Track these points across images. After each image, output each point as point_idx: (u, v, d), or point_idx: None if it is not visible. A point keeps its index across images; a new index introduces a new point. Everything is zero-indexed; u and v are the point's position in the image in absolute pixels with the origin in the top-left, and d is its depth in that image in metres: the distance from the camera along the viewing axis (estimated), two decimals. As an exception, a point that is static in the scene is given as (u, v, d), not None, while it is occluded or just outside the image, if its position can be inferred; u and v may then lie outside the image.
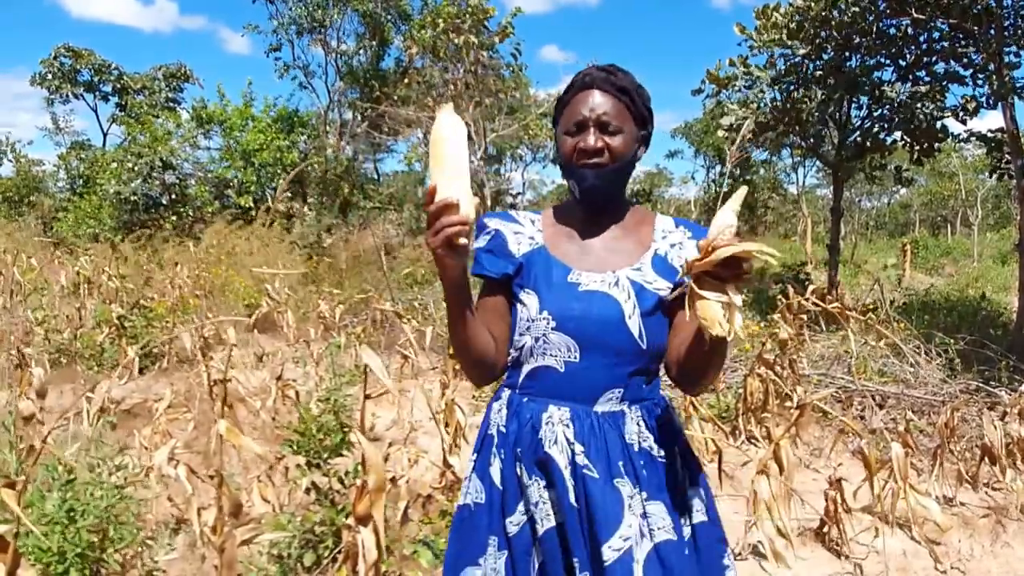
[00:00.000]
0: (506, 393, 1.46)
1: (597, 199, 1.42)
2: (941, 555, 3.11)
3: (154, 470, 2.63)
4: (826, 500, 3.16)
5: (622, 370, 1.38)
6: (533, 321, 1.39)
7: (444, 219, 1.19)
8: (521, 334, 1.42)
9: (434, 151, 1.24)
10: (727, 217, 1.15)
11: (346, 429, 2.85)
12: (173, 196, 14.92)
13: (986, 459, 3.83)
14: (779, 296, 4.72)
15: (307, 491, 2.73)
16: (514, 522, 1.39)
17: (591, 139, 1.36)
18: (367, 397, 2.15)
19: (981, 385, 5.10)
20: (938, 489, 3.68)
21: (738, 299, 1.12)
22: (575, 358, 1.37)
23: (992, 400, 4.79)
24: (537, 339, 1.39)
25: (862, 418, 4.80)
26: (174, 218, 14.08)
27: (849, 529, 3.17)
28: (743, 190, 1.22)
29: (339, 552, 2.36)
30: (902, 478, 3.06)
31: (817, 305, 4.14)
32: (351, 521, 2.11)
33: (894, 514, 3.24)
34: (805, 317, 4.46)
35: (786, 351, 4.42)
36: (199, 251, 9.56)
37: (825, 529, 3.21)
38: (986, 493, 3.83)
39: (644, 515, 1.33)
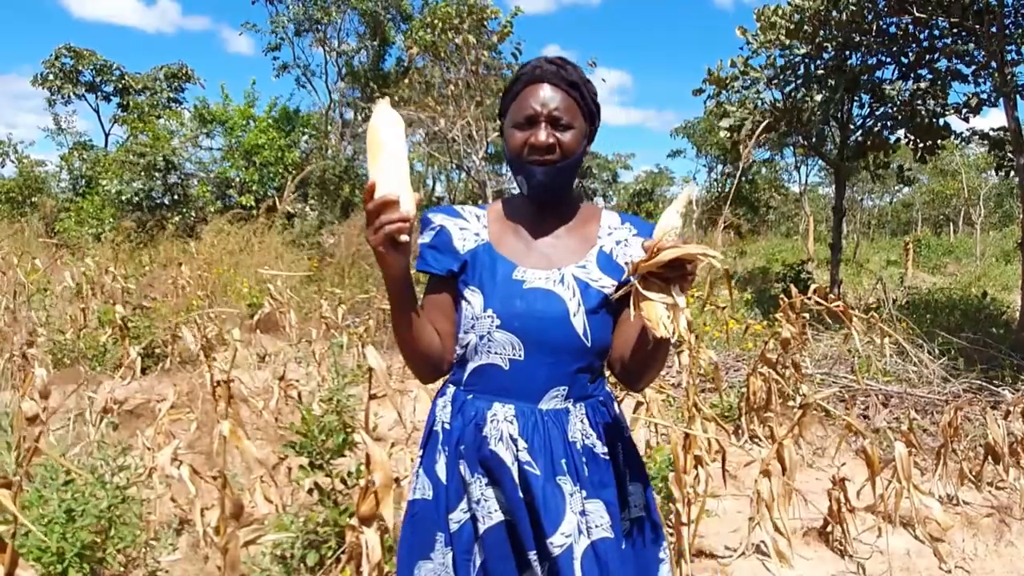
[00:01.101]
0: (451, 390, 1.45)
1: (546, 195, 1.41)
2: (945, 554, 3.10)
3: (157, 470, 2.64)
4: (829, 499, 3.15)
5: (567, 368, 1.37)
6: (477, 319, 1.37)
7: (384, 216, 1.18)
8: (466, 332, 1.40)
9: (371, 147, 1.21)
10: (672, 219, 1.15)
11: (349, 429, 2.84)
12: (175, 196, 14.94)
13: (989, 458, 3.83)
14: (781, 295, 4.71)
15: (310, 492, 2.73)
16: (455, 519, 1.39)
17: (542, 135, 1.34)
18: (372, 397, 2.15)
19: (984, 384, 5.09)
20: (941, 488, 3.67)
21: (682, 300, 1.11)
22: (519, 356, 1.36)
23: (995, 399, 4.78)
24: (481, 337, 1.38)
25: (865, 417, 4.80)
26: (177, 218, 14.10)
27: (852, 528, 3.17)
28: (687, 191, 1.22)
29: (342, 552, 2.36)
30: (905, 477, 3.05)
31: (819, 304, 4.14)
32: (354, 521, 2.12)
33: (898, 513, 3.24)
34: (807, 316, 4.46)
35: (789, 350, 4.41)
36: (202, 250, 9.56)
37: (828, 528, 3.20)
38: (990, 492, 3.83)
39: (583, 512, 1.34)
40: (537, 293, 1.36)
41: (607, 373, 1.50)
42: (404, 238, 1.19)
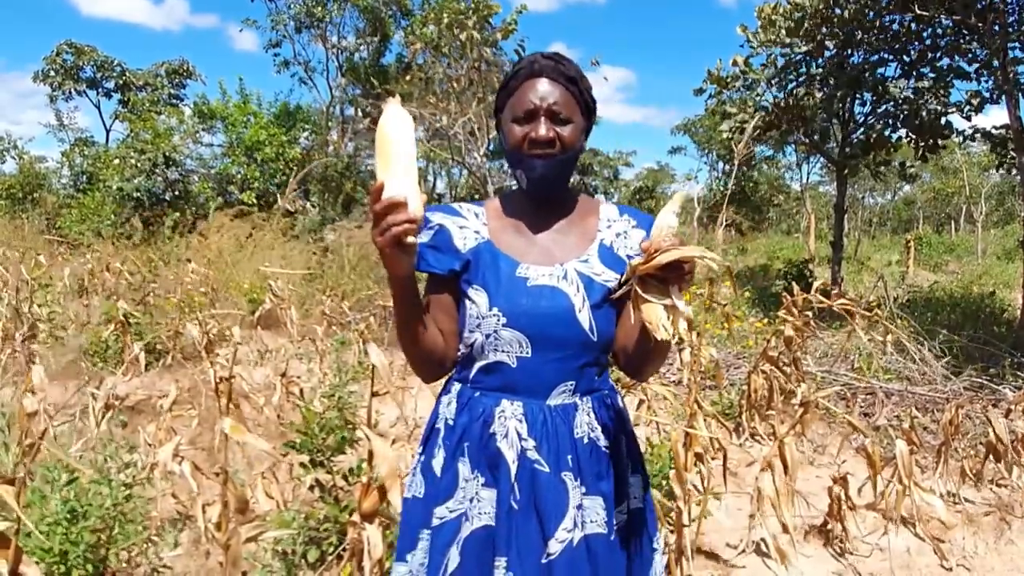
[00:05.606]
0: (456, 387, 1.45)
1: (546, 189, 1.41)
2: (946, 552, 3.11)
3: (159, 467, 2.64)
4: (830, 497, 3.15)
5: (574, 363, 1.38)
6: (483, 318, 1.37)
7: (391, 217, 1.15)
8: (471, 331, 1.39)
9: (380, 147, 1.19)
10: (668, 219, 1.15)
11: (350, 426, 2.85)
12: (176, 192, 14.93)
13: (990, 456, 3.82)
14: (783, 293, 4.71)
15: (311, 488, 2.73)
16: (438, 515, 1.38)
17: (543, 129, 1.34)
18: (374, 394, 2.16)
19: (985, 382, 5.09)
20: (942, 486, 3.67)
21: (681, 303, 1.11)
22: (527, 353, 1.36)
23: (996, 397, 4.79)
24: (488, 335, 1.37)
25: (866, 415, 4.80)
26: (176, 215, 14.10)
27: (853, 527, 3.17)
28: (680, 194, 1.23)
29: (343, 549, 2.36)
30: (906, 475, 3.05)
31: (821, 302, 4.13)
32: (356, 518, 2.12)
33: (898, 512, 3.24)
34: (809, 314, 4.45)
35: (790, 348, 4.41)
36: (208, 246, 9.55)
37: (829, 527, 3.21)
38: (990, 490, 3.83)
39: (579, 507, 1.34)
40: (542, 290, 1.36)
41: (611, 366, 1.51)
42: (411, 240, 1.17)
